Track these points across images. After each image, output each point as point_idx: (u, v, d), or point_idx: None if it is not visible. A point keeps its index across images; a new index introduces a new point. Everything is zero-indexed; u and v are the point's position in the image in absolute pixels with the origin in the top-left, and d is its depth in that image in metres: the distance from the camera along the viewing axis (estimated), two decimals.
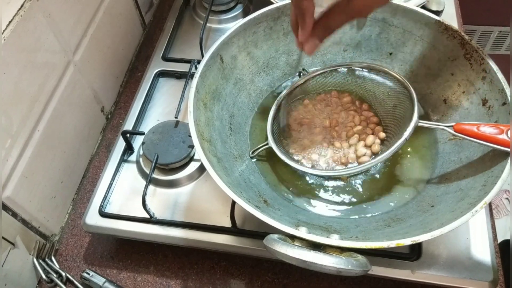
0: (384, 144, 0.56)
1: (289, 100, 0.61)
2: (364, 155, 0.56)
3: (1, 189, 0.50)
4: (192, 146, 0.60)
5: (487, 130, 0.47)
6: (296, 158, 0.57)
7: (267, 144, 0.56)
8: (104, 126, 0.74)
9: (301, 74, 0.63)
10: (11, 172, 0.51)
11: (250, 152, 0.57)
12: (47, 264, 0.58)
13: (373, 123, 0.58)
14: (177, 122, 0.63)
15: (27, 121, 0.54)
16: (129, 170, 0.62)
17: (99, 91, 0.71)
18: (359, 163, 0.55)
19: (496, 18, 1.36)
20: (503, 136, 0.46)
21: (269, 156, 0.58)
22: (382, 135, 0.56)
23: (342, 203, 0.54)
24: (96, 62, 0.69)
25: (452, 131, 0.49)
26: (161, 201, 0.59)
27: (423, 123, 0.51)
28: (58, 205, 0.62)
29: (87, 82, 0.67)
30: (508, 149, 0.45)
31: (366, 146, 0.56)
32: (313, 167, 0.55)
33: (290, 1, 0.46)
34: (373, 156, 0.55)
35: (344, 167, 0.55)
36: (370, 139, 0.56)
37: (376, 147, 0.55)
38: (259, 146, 0.57)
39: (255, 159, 0.58)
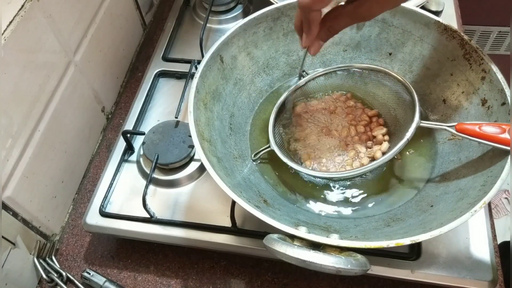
0: None
1: (290, 102, 0.61)
2: (365, 156, 0.56)
3: (2, 189, 0.50)
4: (192, 146, 0.60)
5: (489, 129, 0.47)
6: (297, 160, 0.57)
7: (269, 147, 0.56)
8: (105, 126, 0.74)
9: (301, 76, 0.63)
10: (11, 172, 0.52)
11: (252, 156, 0.57)
12: (48, 264, 0.58)
13: (376, 125, 0.58)
14: (177, 122, 0.63)
15: (27, 121, 0.54)
16: (130, 170, 0.62)
17: (100, 91, 0.71)
18: (361, 165, 0.55)
19: (496, 18, 1.36)
20: (505, 135, 0.46)
21: (270, 157, 0.58)
22: (386, 137, 0.56)
23: (342, 203, 0.54)
24: (97, 62, 0.69)
25: (454, 131, 0.49)
26: (161, 201, 0.59)
27: (425, 124, 0.51)
28: (59, 205, 0.63)
29: (88, 82, 0.67)
30: (509, 148, 0.45)
31: (368, 148, 0.56)
32: (314, 169, 0.55)
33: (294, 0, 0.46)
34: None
35: (346, 168, 0.55)
36: (376, 140, 0.56)
37: (379, 152, 0.55)
38: (261, 149, 0.57)
39: (257, 162, 0.58)
